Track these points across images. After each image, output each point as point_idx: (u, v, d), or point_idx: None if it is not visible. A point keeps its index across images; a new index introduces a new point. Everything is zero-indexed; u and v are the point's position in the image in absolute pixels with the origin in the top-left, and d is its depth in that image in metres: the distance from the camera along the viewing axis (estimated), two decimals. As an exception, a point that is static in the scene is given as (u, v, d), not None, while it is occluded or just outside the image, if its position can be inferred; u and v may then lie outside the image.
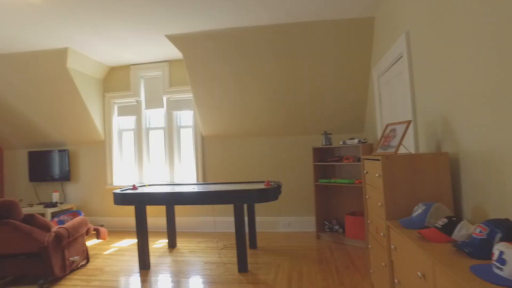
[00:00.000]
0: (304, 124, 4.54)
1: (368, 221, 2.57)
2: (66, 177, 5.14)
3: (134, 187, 3.72)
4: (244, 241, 3.15)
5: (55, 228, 3.01)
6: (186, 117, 5.11)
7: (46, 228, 2.88)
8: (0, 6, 3.04)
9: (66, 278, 3.14)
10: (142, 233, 3.31)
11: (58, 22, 3.44)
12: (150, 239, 4.46)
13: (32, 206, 4.93)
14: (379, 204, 2.11)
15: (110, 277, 3.13)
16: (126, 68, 5.13)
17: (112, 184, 5.17)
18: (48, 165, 5.20)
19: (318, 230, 4.22)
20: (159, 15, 3.39)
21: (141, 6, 3.17)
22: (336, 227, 4.21)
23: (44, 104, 4.81)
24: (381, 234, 2.10)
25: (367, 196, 2.56)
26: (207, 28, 3.76)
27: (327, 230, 4.28)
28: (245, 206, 4.43)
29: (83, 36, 3.85)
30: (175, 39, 3.97)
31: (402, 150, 2.72)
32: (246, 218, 4.63)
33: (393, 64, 3.04)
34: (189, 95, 4.93)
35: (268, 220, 4.70)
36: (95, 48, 4.25)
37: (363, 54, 3.85)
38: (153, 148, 5.22)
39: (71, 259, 3.14)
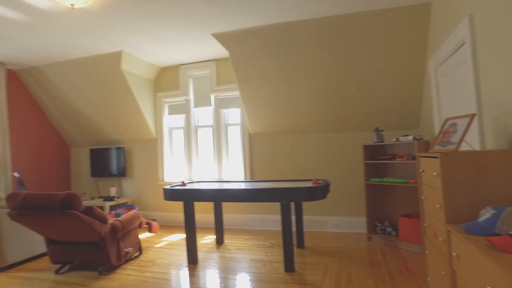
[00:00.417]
0: (354, 120, 4.34)
1: (425, 224, 2.36)
2: (122, 173, 5.47)
3: (183, 184, 3.83)
4: (291, 240, 3.08)
5: (111, 220, 3.20)
6: (233, 115, 5.16)
7: (103, 220, 3.08)
8: (63, 17, 3.30)
9: (121, 267, 3.33)
10: (190, 229, 3.39)
11: (113, 27, 3.65)
12: (198, 235, 4.58)
13: (93, 199, 5.33)
14: (437, 206, 1.92)
15: (161, 269, 3.26)
16: (175, 68, 5.31)
17: (163, 180, 5.39)
18: (106, 161, 5.58)
19: (369, 232, 4.01)
20: (206, 14, 3.44)
21: (188, 6, 3.24)
22: (389, 229, 3.97)
23: (102, 105, 5.17)
24: (440, 239, 1.91)
25: (423, 197, 2.35)
26: (252, 24, 3.74)
27: (379, 232, 4.05)
28: (293, 204, 4.36)
29: (135, 39, 4.04)
30: (221, 37, 4.01)
31: (464, 147, 2.47)
32: (293, 217, 4.57)
33: (454, 53, 2.77)
34: (236, 93, 4.97)
35: (317, 220, 4.58)
36: (147, 50, 4.45)
37: (418, 44, 3.57)
38: (201, 146, 5.35)
39: (125, 250, 3.33)
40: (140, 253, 3.73)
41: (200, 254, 3.70)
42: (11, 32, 3.70)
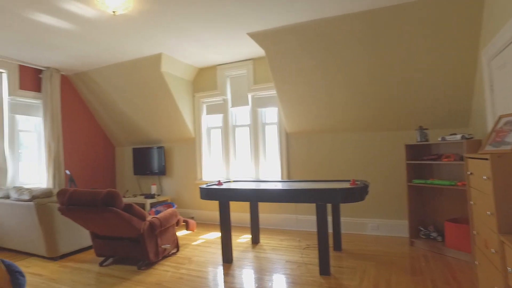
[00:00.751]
0: (396, 118, 4.11)
1: (474, 232, 2.16)
2: (162, 171, 5.67)
3: (219, 183, 3.87)
4: (327, 242, 2.99)
5: (149, 217, 3.32)
6: (271, 114, 5.13)
7: (142, 217, 3.20)
8: (107, 24, 3.48)
9: (159, 263, 3.44)
10: (225, 228, 3.42)
11: (152, 31, 3.78)
12: (234, 234, 4.61)
13: (135, 197, 5.58)
14: (488, 213, 1.74)
15: (196, 267, 3.32)
16: (213, 68, 5.39)
17: (202, 179, 5.51)
18: (148, 160, 5.82)
19: (412, 236, 3.78)
20: (241, 14, 3.43)
21: (224, 6, 3.25)
22: (434, 234, 3.71)
23: (143, 106, 5.39)
24: (492, 250, 1.73)
25: (471, 202, 2.16)
26: (288, 22, 3.68)
27: (422, 236, 3.80)
28: (330, 205, 4.24)
29: (174, 41, 4.16)
30: (257, 37, 3.99)
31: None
32: (330, 218, 4.44)
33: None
34: (273, 92, 4.92)
35: (355, 221, 4.41)
36: (185, 51, 4.56)
37: (469, 34, 3.28)
38: (239, 145, 5.38)
39: (163, 246, 3.44)
40: (178, 250, 3.84)
41: (235, 253, 3.72)
42: (64, 41, 4.00)
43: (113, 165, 6.37)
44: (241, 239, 4.31)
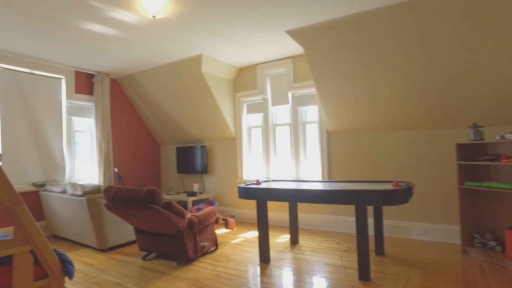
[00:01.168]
0: (446, 115, 3.80)
1: (536, 242, 1.92)
2: (204, 170, 5.81)
3: (258, 182, 3.86)
4: (366, 246, 2.85)
5: (188, 215, 3.41)
6: (311, 113, 5.02)
7: (181, 214, 3.30)
8: (148, 29, 3.63)
9: (198, 260, 3.52)
10: (263, 228, 3.40)
11: (191, 32, 3.87)
12: (274, 234, 4.58)
13: (178, 194, 5.78)
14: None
15: (233, 265, 3.34)
16: (253, 67, 5.40)
17: (242, 178, 5.55)
18: (190, 159, 5.99)
19: (464, 244, 3.47)
20: (278, 11, 3.39)
21: (261, 5, 3.23)
22: (492, 243, 3.37)
23: (186, 106, 5.56)
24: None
25: (533, 209, 1.91)
26: (327, 18, 3.57)
27: (477, 245, 3.48)
28: (372, 207, 4.04)
29: (213, 42, 4.23)
30: (295, 34, 3.92)
31: None
32: (372, 220, 4.24)
33: None
34: (313, 90, 4.81)
35: (400, 225, 4.16)
36: (224, 51, 4.62)
37: (533, 20, 2.92)
38: (279, 144, 5.34)
39: (202, 244, 3.51)
40: (216, 248, 3.90)
41: (273, 253, 3.68)
42: (112, 47, 4.27)
43: (158, 163, 6.67)
44: (280, 239, 4.27)
